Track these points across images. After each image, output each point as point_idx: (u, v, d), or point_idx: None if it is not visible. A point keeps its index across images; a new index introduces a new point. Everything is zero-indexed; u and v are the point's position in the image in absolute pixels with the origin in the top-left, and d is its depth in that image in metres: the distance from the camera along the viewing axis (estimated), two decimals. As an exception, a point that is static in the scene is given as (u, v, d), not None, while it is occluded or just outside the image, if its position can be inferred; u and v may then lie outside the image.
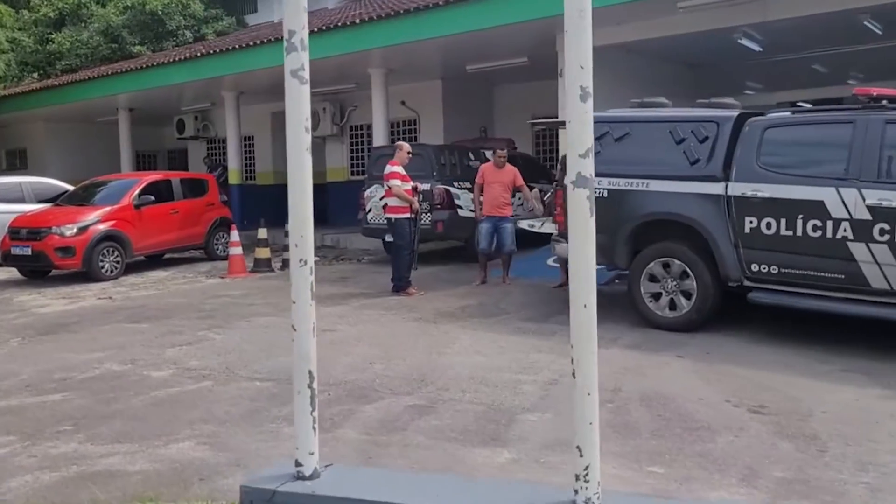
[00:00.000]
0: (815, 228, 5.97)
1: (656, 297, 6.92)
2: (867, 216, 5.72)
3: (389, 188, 9.08)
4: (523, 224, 8.42)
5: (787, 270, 6.17)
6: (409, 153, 9.36)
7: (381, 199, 10.27)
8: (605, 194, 7.10)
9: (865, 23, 10.79)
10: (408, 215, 9.14)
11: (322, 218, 17.60)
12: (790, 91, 14.64)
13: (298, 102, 2.87)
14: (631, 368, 5.69)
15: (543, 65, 13.80)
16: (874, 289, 5.78)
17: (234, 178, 17.88)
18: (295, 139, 2.89)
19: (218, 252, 13.53)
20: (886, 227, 5.65)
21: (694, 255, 6.63)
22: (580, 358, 2.58)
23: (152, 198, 12.11)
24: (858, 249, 5.78)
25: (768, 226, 6.21)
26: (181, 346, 6.87)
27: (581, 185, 2.49)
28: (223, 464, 4.07)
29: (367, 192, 11.99)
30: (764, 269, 6.28)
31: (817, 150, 6.21)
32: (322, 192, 19.36)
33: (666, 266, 6.83)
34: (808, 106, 7.39)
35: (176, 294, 9.97)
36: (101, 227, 11.40)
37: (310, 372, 2.88)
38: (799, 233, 6.05)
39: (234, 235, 11.60)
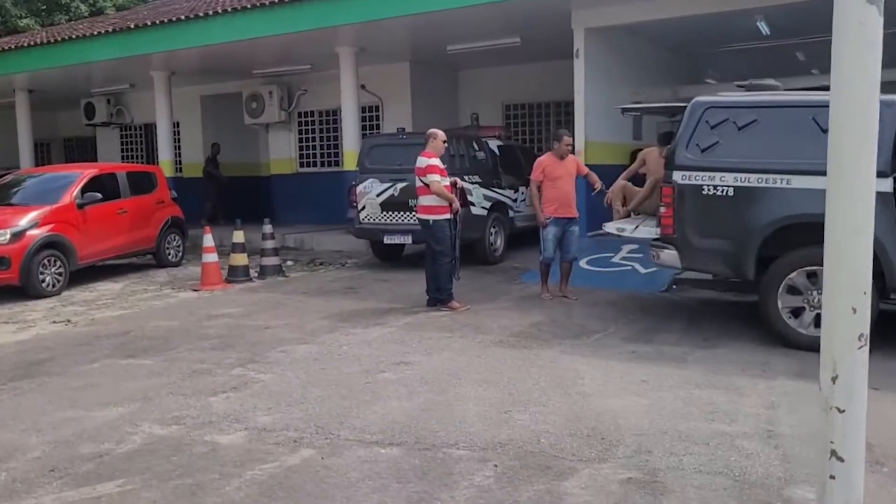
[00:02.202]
0: None
1: (796, 312, 5.92)
2: None
3: (427, 185, 7.67)
4: (609, 227, 7.18)
5: (973, 281, 5.29)
6: (444, 143, 7.97)
7: (415, 197, 8.78)
8: (731, 192, 6.04)
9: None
10: (447, 216, 7.76)
11: (264, 215, 15.75)
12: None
13: None
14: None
15: (536, 46, 12.69)
16: None
17: (167, 169, 15.72)
18: None
19: (170, 258, 11.62)
20: None
21: (853, 264, 5.63)
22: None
23: (99, 196, 10.11)
24: None
25: (951, 229, 5.31)
26: (225, 392, 5.27)
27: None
28: None
29: (359, 188, 10.45)
30: (943, 279, 5.39)
31: None
32: (258, 185, 17.49)
33: (810, 276, 5.83)
34: None
35: (154, 314, 8.16)
36: (40, 232, 9.34)
37: None
38: None
39: (209, 240, 9.79)
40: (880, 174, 5.46)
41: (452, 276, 7.77)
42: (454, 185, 7.94)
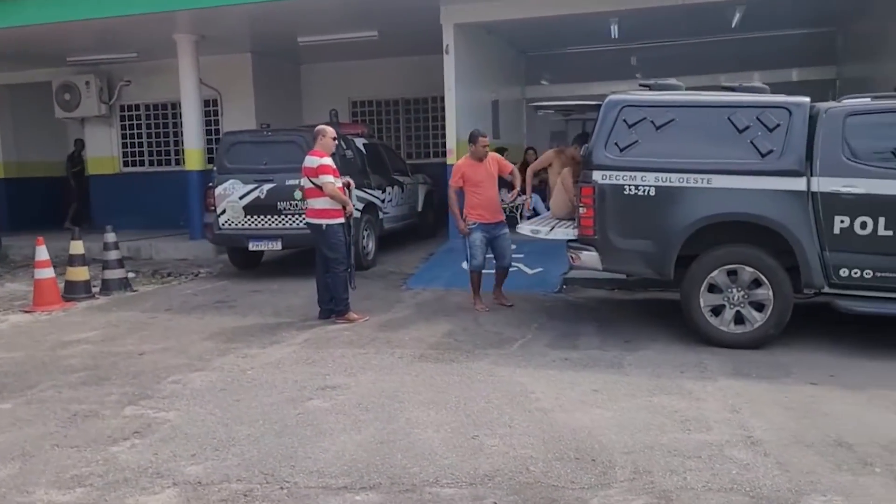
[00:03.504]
0: (921, 227, 5.45)
1: (716, 311, 5.97)
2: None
3: (319, 186, 7.00)
4: (524, 229, 6.87)
5: (882, 275, 5.58)
6: (335, 140, 7.33)
7: (302, 199, 7.98)
8: (653, 192, 5.98)
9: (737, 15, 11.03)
10: (341, 220, 7.15)
11: (78, 221, 14.06)
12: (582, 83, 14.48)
13: None
14: (797, 408, 4.63)
15: (393, 41, 12.26)
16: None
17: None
18: None
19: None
20: None
21: (772, 261, 5.77)
22: None
23: None
24: (969, 248, 5.37)
25: (863, 225, 5.57)
26: (127, 439, 4.38)
27: None
28: None
29: (218, 190, 9.47)
30: (855, 273, 5.64)
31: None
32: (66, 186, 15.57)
33: (730, 274, 5.90)
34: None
35: (-14, 343, 6.82)
36: None
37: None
38: (902, 232, 5.49)
39: (42, 252, 8.39)
40: (795, 173, 5.67)
41: (349, 285, 7.17)
42: (347, 186, 7.34)
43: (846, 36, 12.68)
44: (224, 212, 9.44)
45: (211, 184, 9.63)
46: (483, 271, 7.51)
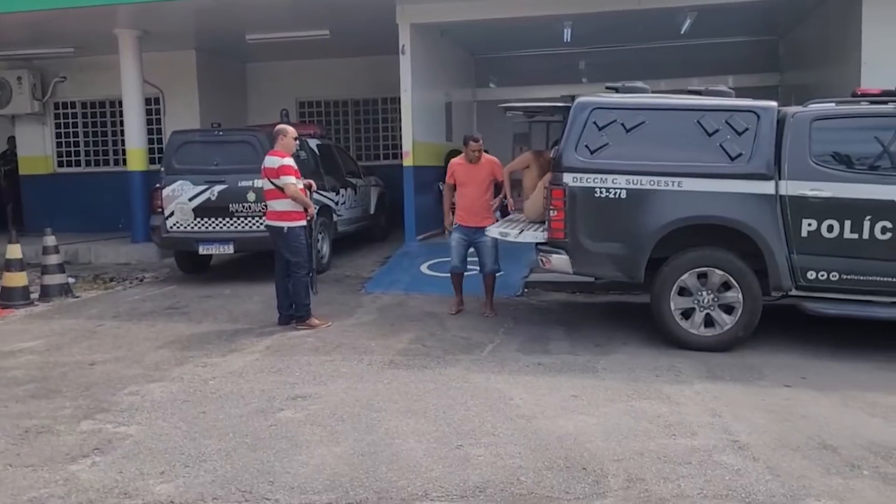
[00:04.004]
0: (884, 230, 5.55)
1: (686, 314, 5.98)
2: (941, 215, 5.45)
3: (280, 188, 6.76)
4: (493, 232, 6.73)
5: (848, 277, 5.67)
6: (296, 140, 7.10)
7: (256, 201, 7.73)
8: (624, 195, 5.95)
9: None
10: (303, 223, 6.92)
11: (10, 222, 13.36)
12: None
13: None
14: (776, 411, 4.64)
15: (344, 41, 12.04)
16: (943, 291, 5.55)
17: None
18: None
19: None
20: (960, 225, 5.43)
21: (742, 264, 5.80)
22: None
23: None
24: (930, 250, 5.50)
25: (830, 228, 5.65)
26: (87, 456, 4.09)
27: None
28: None
29: (166, 191, 9.08)
30: (822, 276, 5.71)
31: (874, 145, 5.78)
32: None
33: (700, 277, 5.91)
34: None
35: (-82, 354, 6.34)
36: None
37: None
38: (866, 235, 5.58)
39: (-23, 256, 7.90)
40: (764, 177, 5.72)
41: (310, 289, 6.94)
42: (308, 188, 7.12)
43: (788, 44, 13.03)
44: (172, 214, 9.06)
45: (158, 185, 9.23)
46: (466, 273, 7.41)
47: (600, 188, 5.97)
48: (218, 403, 4.90)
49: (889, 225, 5.54)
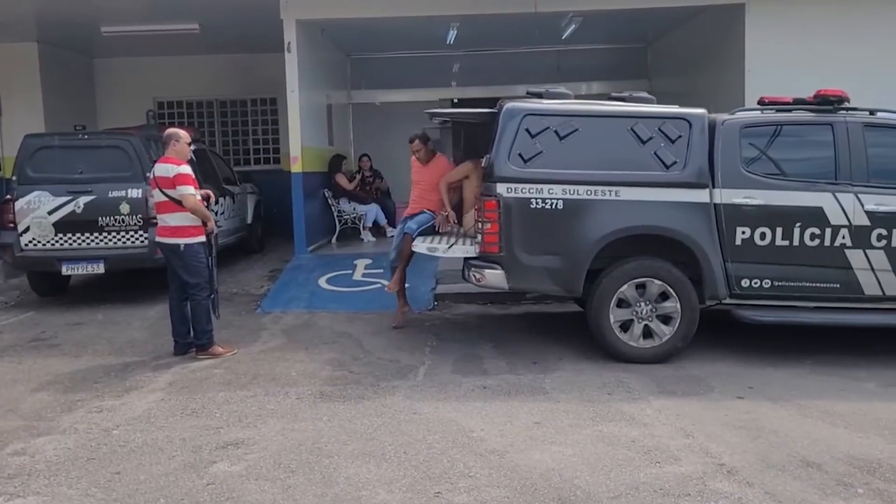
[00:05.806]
0: (813, 237, 5.63)
1: (624, 326, 5.81)
2: (866, 222, 5.60)
3: (176, 200, 5.96)
4: (420, 247, 6.21)
5: (780, 283, 5.71)
6: (189, 144, 6.32)
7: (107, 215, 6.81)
8: (560, 205, 5.69)
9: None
10: (202, 238, 6.15)
11: None
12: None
13: None
14: (744, 427, 4.51)
15: (217, 35, 11.13)
16: (867, 296, 5.71)
17: None
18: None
19: None
20: (884, 232, 5.60)
21: (680, 274, 5.71)
22: None
23: None
24: (856, 256, 5.63)
25: (762, 236, 5.67)
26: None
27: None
28: None
29: (19, 203, 7.89)
30: (756, 283, 5.72)
31: (801, 152, 5.87)
32: None
33: (639, 287, 5.76)
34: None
35: None
36: None
37: None
38: (796, 242, 5.65)
39: None
40: (699, 185, 5.66)
41: (212, 313, 6.17)
42: (207, 198, 6.35)
43: (656, 52, 13.47)
44: (28, 229, 7.89)
45: (8, 196, 8.01)
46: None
47: (536, 199, 5.68)
48: (133, 460, 4.13)
49: (817, 231, 5.63)
